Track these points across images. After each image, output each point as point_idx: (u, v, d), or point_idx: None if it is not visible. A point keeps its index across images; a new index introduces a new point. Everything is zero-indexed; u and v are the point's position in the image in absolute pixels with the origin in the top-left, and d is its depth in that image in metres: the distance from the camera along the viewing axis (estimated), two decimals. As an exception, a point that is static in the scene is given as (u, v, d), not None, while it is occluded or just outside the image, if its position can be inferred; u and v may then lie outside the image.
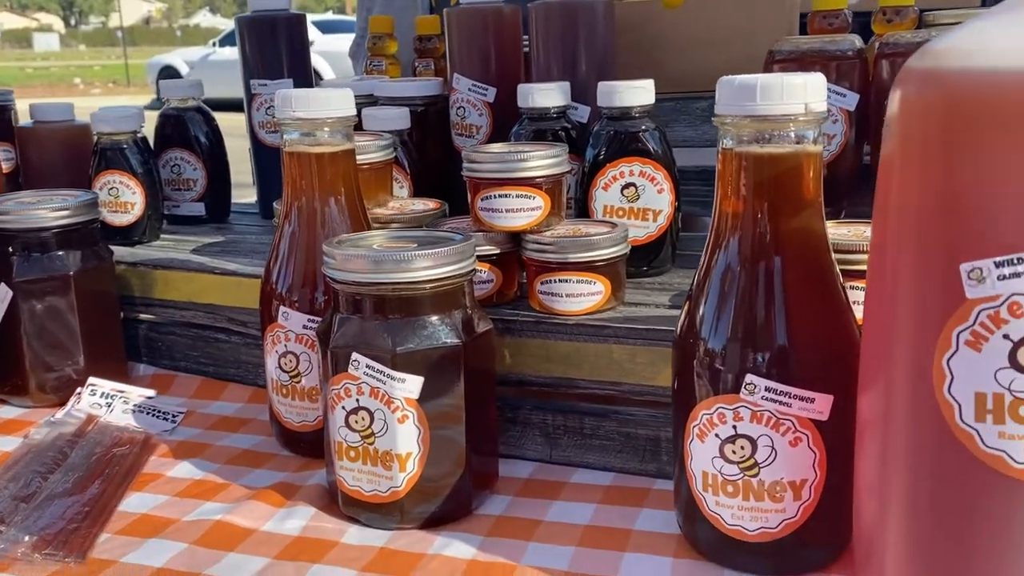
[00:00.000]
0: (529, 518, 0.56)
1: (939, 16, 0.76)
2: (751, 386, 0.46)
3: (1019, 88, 0.32)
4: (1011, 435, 0.34)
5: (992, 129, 0.33)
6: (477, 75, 0.83)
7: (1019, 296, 0.33)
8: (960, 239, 0.34)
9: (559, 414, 0.62)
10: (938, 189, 0.34)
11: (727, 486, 0.47)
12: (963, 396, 0.35)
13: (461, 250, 0.55)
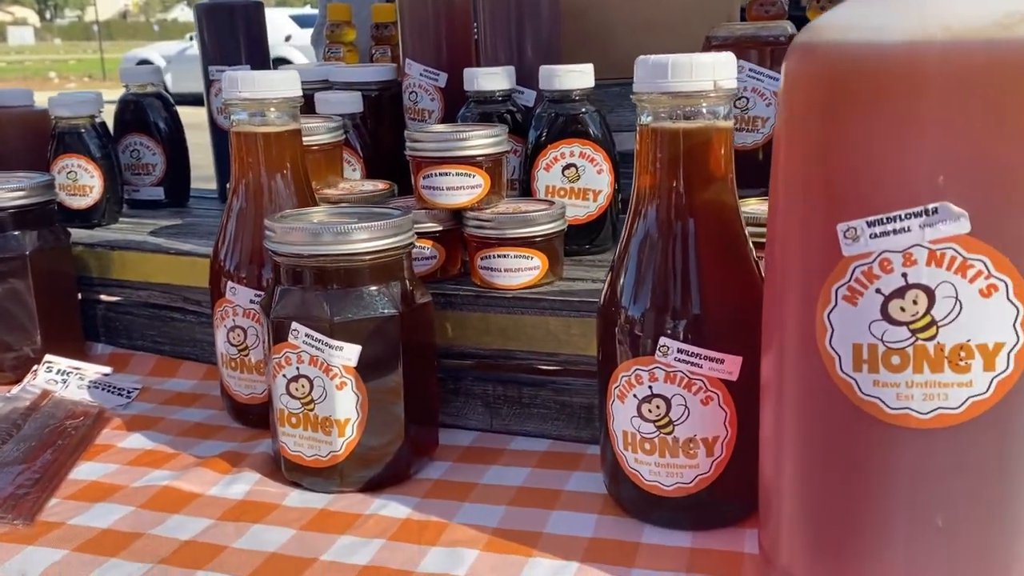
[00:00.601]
0: (465, 482, 0.58)
1: (868, 4, 0.79)
2: (664, 348, 0.48)
3: (885, 61, 0.35)
4: (884, 383, 0.37)
5: (863, 99, 0.35)
6: (428, 61, 0.86)
7: (889, 253, 0.36)
8: (837, 202, 0.36)
9: (499, 384, 0.65)
10: (817, 156, 0.37)
11: (645, 444, 0.50)
12: (842, 348, 0.37)
13: (399, 224, 0.57)
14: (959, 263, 0.35)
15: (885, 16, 0.35)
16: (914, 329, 0.36)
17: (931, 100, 0.34)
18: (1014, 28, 0.33)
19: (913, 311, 0.36)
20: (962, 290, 0.35)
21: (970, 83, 0.34)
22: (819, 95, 0.36)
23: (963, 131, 0.34)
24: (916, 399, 0.36)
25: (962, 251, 0.35)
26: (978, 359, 0.36)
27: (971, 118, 0.34)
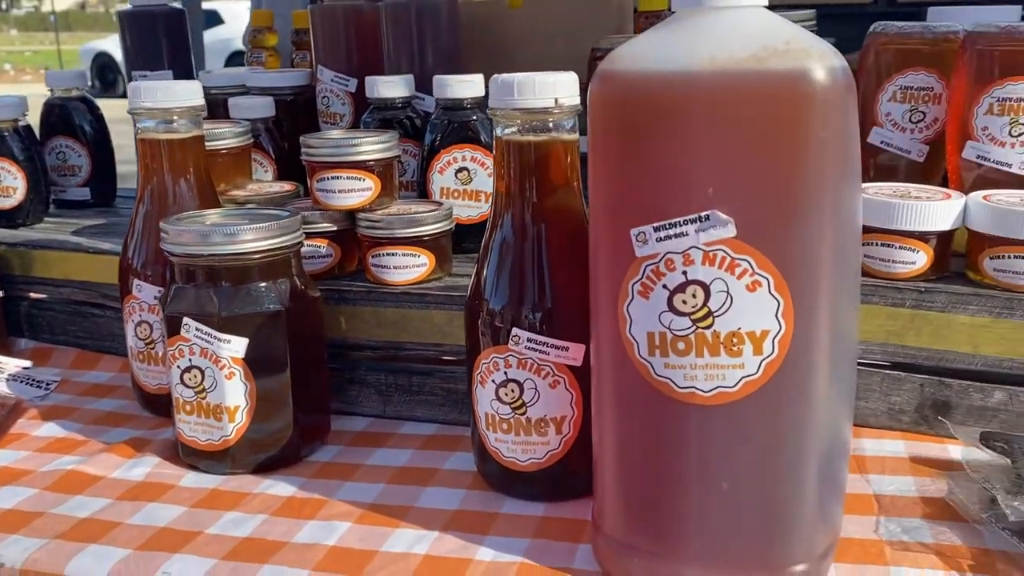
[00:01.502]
0: (352, 463, 0.63)
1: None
2: (516, 338, 0.54)
3: (662, 88, 0.40)
4: (673, 365, 0.42)
5: (646, 121, 0.41)
6: (339, 67, 0.90)
7: (672, 254, 0.41)
8: (630, 209, 0.42)
9: (391, 374, 0.70)
10: (614, 169, 0.42)
11: (503, 424, 0.55)
12: (639, 335, 0.43)
13: (286, 225, 0.61)
14: (728, 262, 0.40)
15: (665, 48, 0.41)
16: (695, 319, 0.42)
17: (701, 122, 0.39)
18: (766, 61, 0.38)
19: (693, 303, 0.41)
20: (732, 285, 0.41)
21: (732, 108, 0.39)
22: (612, 116, 0.42)
23: (729, 149, 0.39)
24: (699, 379, 0.42)
25: (731, 252, 0.40)
26: (748, 344, 0.41)
27: (735, 138, 0.39)
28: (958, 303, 0.61)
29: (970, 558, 0.49)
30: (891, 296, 0.62)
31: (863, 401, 0.65)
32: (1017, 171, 0.67)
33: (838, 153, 0.40)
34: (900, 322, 0.62)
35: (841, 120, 0.40)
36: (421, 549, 0.51)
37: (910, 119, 0.72)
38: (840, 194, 0.41)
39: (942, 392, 0.63)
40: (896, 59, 0.72)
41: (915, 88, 0.71)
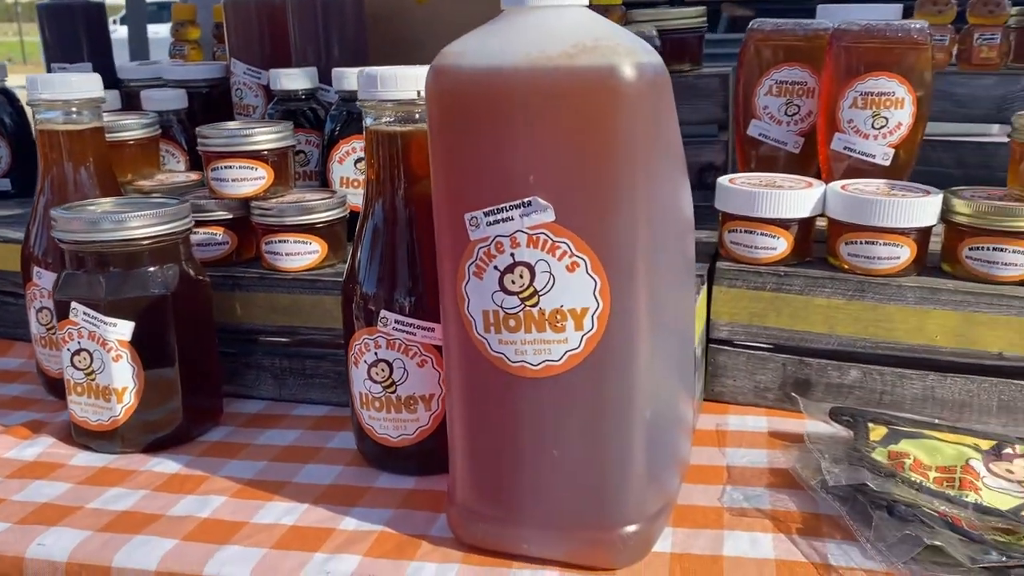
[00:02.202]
0: (240, 443, 0.65)
1: (636, 14, 0.88)
2: (385, 319, 0.56)
3: (485, 82, 0.43)
4: (506, 341, 0.45)
5: (473, 113, 0.43)
6: (251, 60, 0.92)
7: (500, 237, 0.44)
8: (464, 195, 0.45)
9: (285, 358, 0.72)
10: (448, 158, 0.45)
11: (375, 402, 0.58)
12: (476, 313, 0.46)
13: (174, 212, 0.63)
14: (549, 245, 0.43)
15: (489, 45, 0.43)
16: (523, 298, 0.44)
17: (519, 115, 0.42)
18: (576, 58, 0.41)
19: (521, 283, 0.44)
20: (554, 266, 0.44)
21: (546, 102, 0.42)
22: (444, 110, 0.44)
23: (545, 140, 0.42)
24: (529, 354, 0.45)
25: (551, 235, 0.43)
26: (570, 321, 0.44)
27: (550, 130, 0.42)
28: (814, 286, 0.65)
29: (800, 522, 0.52)
30: (753, 280, 0.66)
31: (731, 380, 0.68)
32: (880, 162, 0.71)
33: (649, 145, 0.43)
34: (762, 304, 0.66)
35: (650, 114, 0.43)
36: (289, 520, 0.54)
37: (786, 112, 0.76)
38: (655, 183, 0.44)
39: (802, 371, 0.66)
40: (772, 54, 0.75)
41: (790, 82, 0.75)
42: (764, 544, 0.50)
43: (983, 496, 0.51)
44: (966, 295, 0.61)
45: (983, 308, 0.61)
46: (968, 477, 0.53)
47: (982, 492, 0.52)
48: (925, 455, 0.56)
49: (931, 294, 0.62)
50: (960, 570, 0.46)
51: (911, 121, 0.70)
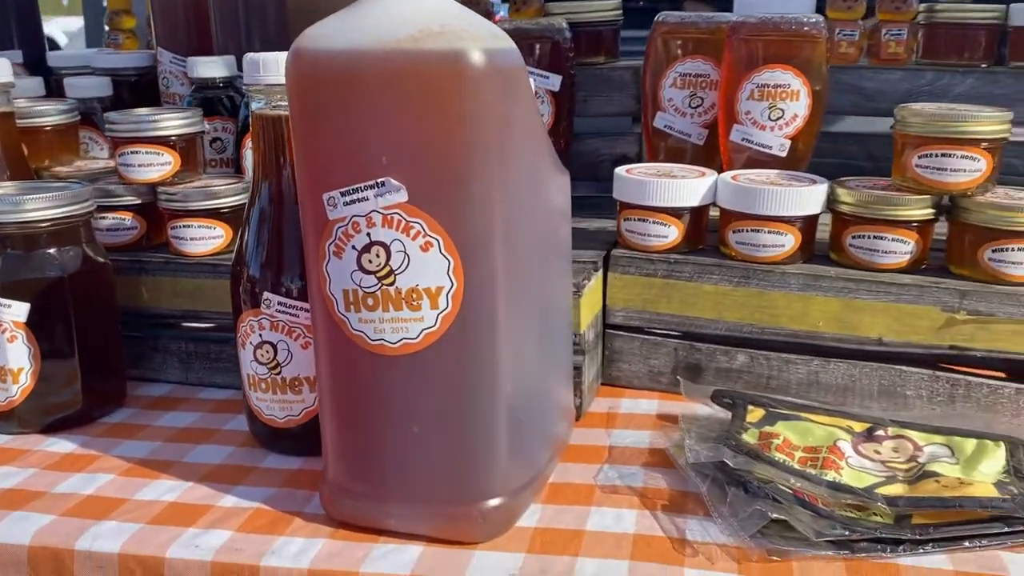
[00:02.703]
0: (139, 424, 0.66)
1: (552, 7, 0.89)
2: (268, 301, 0.57)
3: (339, 65, 0.44)
4: (365, 320, 0.46)
5: (328, 94, 0.44)
6: (177, 49, 0.92)
7: (357, 217, 0.45)
8: (321, 176, 0.46)
9: (191, 342, 0.73)
10: (308, 139, 0.46)
11: (261, 384, 0.59)
12: (337, 293, 0.47)
13: (74, 195, 0.64)
14: (404, 225, 0.44)
15: (345, 29, 0.44)
16: (379, 277, 0.46)
17: (371, 98, 0.43)
18: (422, 42, 0.42)
19: (377, 263, 0.45)
20: (408, 246, 0.45)
21: (396, 85, 0.43)
22: (303, 91, 0.45)
23: (396, 122, 0.43)
24: (387, 332, 0.46)
25: (405, 216, 0.44)
26: (426, 300, 0.45)
27: (400, 112, 0.43)
28: (703, 273, 0.66)
29: (667, 499, 0.54)
30: (646, 267, 0.67)
31: (627, 364, 0.70)
32: (777, 153, 0.73)
33: (500, 129, 0.44)
34: (654, 291, 0.67)
35: (499, 98, 0.44)
36: (171, 497, 0.55)
37: (689, 104, 0.77)
38: (510, 167, 0.45)
39: (693, 355, 0.68)
40: (676, 47, 0.77)
41: (693, 75, 0.76)
42: (627, 520, 0.51)
43: (843, 475, 0.53)
44: (847, 282, 0.63)
45: (863, 295, 0.63)
46: (832, 457, 0.54)
47: (843, 471, 0.53)
48: (796, 436, 0.57)
49: (814, 281, 0.64)
50: (807, 544, 0.48)
51: (807, 113, 0.72)
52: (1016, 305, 0.59)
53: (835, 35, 0.86)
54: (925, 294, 0.61)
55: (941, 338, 0.61)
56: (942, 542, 0.48)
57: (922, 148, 0.62)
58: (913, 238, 0.63)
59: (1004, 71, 0.82)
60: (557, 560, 0.48)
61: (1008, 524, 0.48)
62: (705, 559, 0.48)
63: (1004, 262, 0.60)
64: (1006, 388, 0.61)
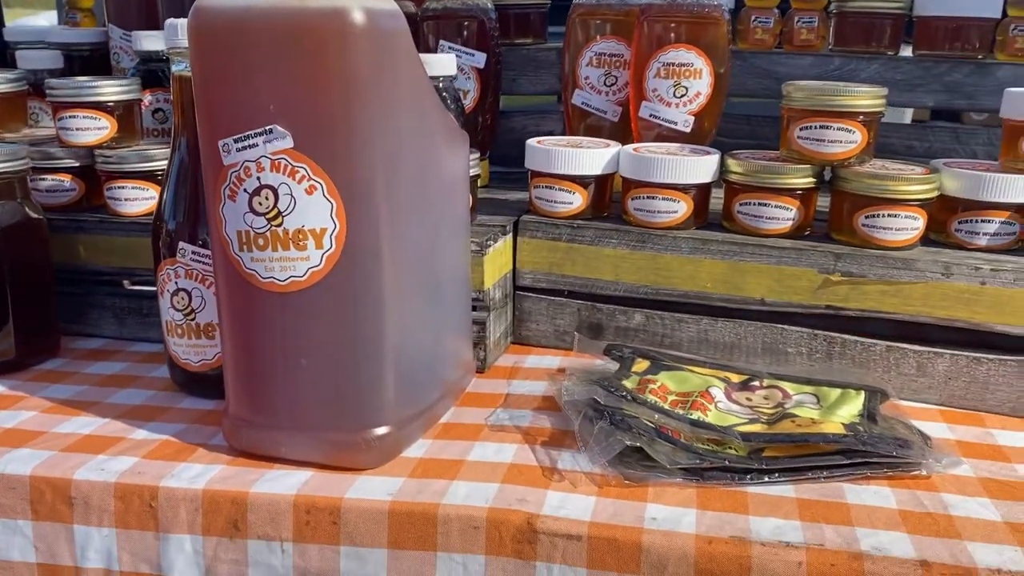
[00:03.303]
0: (68, 371, 0.70)
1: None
2: (183, 250, 0.61)
3: (231, 19, 0.48)
4: (257, 259, 0.50)
5: (220, 47, 0.48)
6: (126, 25, 0.96)
7: (248, 162, 0.49)
8: (217, 124, 0.50)
9: (124, 298, 0.77)
10: (204, 90, 0.50)
11: (178, 329, 0.63)
12: (231, 234, 0.51)
13: (8, 153, 0.68)
14: (290, 169, 0.49)
15: (237, -13, 0.48)
16: (269, 218, 0.50)
17: (260, 49, 0.47)
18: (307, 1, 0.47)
19: (267, 205, 0.49)
20: (294, 189, 0.49)
21: (282, 39, 0.47)
22: (200, 44, 0.49)
23: (282, 74, 0.48)
24: (276, 271, 0.50)
25: (291, 161, 0.48)
26: (311, 240, 0.49)
27: (285, 64, 0.47)
28: (603, 238, 0.70)
29: (548, 436, 0.58)
30: (551, 231, 0.71)
31: (535, 324, 0.74)
32: (682, 128, 0.77)
33: (381, 84, 0.48)
34: (559, 254, 0.72)
35: (380, 55, 0.48)
36: (86, 431, 0.59)
37: (605, 82, 0.81)
38: (390, 120, 0.49)
39: (595, 315, 0.72)
40: (592, 28, 0.81)
41: (607, 54, 0.81)
42: (507, 452, 0.56)
43: (709, 416, 0.57)
44: (732, 245, 0.67)
45: (747, 258, 0.67)
46: (702, 400, 0.59)
47: (710, 412, 0.57)
48: (674, 383, 0.62)
49: (702, 244, 0.68)
50: (662, 471, 0.52)
51: (710, 91, 0.76)
52: (885, 267, 0.64)
53: (751, 22, 0.90)
54: (803, 257, 0.66)
55: (818, 298, 0.66)
56: (787, 472, 0.53)
57: (803, 121, 0.67)
58: (795, 205, 0.67)
59: (905, 58, 0.87)
60: (434, 483, 0.52)
61: (847, 456, 0.53)
62: (570, 484, 0.52)
63: (876, 227, 0.65)
64: (877, 346, 0.65)
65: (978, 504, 0.51)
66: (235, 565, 0.52)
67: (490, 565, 0.49)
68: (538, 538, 0.48)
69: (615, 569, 0.48)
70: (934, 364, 0.64)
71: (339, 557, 0.50)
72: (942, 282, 0.63)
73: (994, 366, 0.63)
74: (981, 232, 0.66)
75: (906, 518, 0.49)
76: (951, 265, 0.63)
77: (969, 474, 0.55)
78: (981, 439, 0.60)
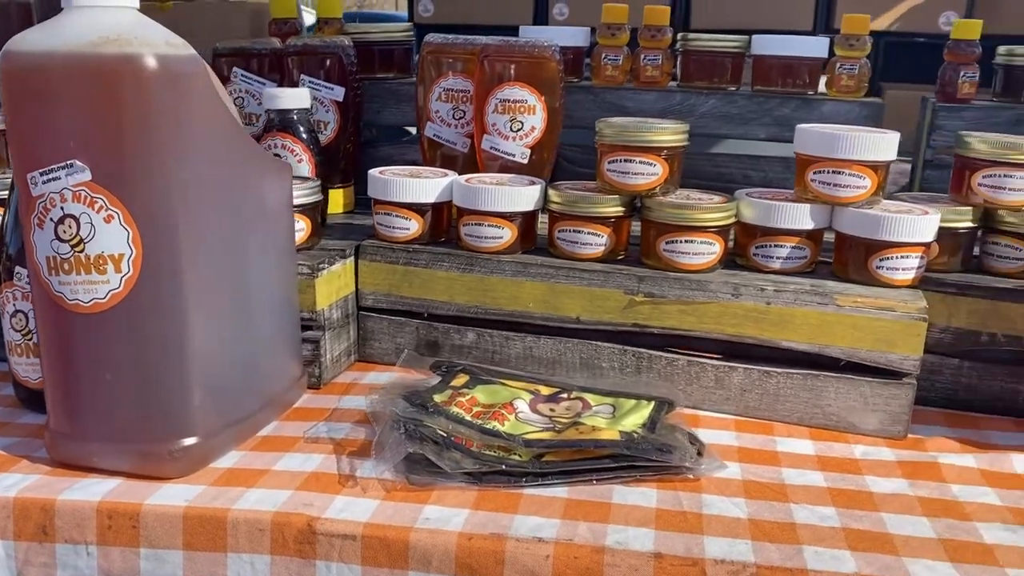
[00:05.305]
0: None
1: (349, 27, 0.99)
2: (19, 274, 0.65)
3: (36, 64, 0.52)
4: (64, 283, 0.54)
5: (27, 88, 0.53)
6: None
7: (53, 193, 0.53)
8: (26, 158, 0.54)
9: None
10: (15, 128, 0.54)
11: (18, 348, 0.66)
12: (41, 260, 0.55)
13: None
14: (89, 200, 0.53)
15: (44, 34, 0.53)
16: (72, 245, 0.54)
17: (60, 91, 0.52)
18: (100, 47, 0.51)
19: (70, 233, 0.54)
20: (94, 218, 0.53)
21: (79, 81, 0.51)
22: (10, 85, 0.54)
23: (82, 112, 0.52)
24: (81, 293, 0.54)
25: (90, 192, 0.53)
26: (111, 265, 0.54)
27: (85, 104, 0.52)
28: (436, 261, 0.75)
29: (357, 447, 0.62)
30: (389, 255, 0.76)
31: (378, 342, 0.78)
32: (520, 160, 0.82)
33: (169, 122, 0.53)
34: (397, 277, 0.76)
35: (171, 96, 0.52)
36: (-81, 445, 0.62)
37: (453, 116, 0.87)
38: (188, 156, 0.54)
39: (432, 334, 0.77)
40: (441, 65, 0.86)
41: (455, 90, 0.86)
42: (312, 462, 0.60)
43: (505, 425, 0.62)
44: (550, 269, 0.72)
45: (563, 280, 0.72)
46: (503, 412, 0.63)
47: (507, 422, 0.62)
48: (484, 396, 0.66)
49: (523, 268, 0.73)
50: (445, 476, 0.56)
51: (544, 126, 0.82)
52: (682, 288, 0.69)
53: (602, 59, 0.96)
54: (610, 279, 0.71)
55: (625, 317, 0.71)
56: (562, 475, 0.57)
57: (611, 155, 0.72)
58: (606, 232, 0.73)
59: (740, 93, 0.93)
60: (232, 490, 0.56)
61: (615, 460, 0.58)
62: (361, 489, 0.56)
63: (675, 252, 0.71)
64: (679, 360, 0.71)
65: (731, 503, 0.56)
66: (44, 568, 0.55)
67: (275, 564, 0.53)
68: (317, 539, 0.53)
69: (387, 565, 0.52)
70: (730, 377, 0.70)
71: (139, 559, 0.54)
72: (732, 302, 0.68)
73: (783, 379, 0.69)
74: (775, 256, 0.71)
75: (659, 516, 0.54)
76: (740, 287, 0.68)
77: (736, 477, 0.60)
78: (763, 446, 0.65)
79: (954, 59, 0.95)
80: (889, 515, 0.56)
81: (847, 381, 0.67)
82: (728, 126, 0.94)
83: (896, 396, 0.66)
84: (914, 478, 0.61)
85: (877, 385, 0.67)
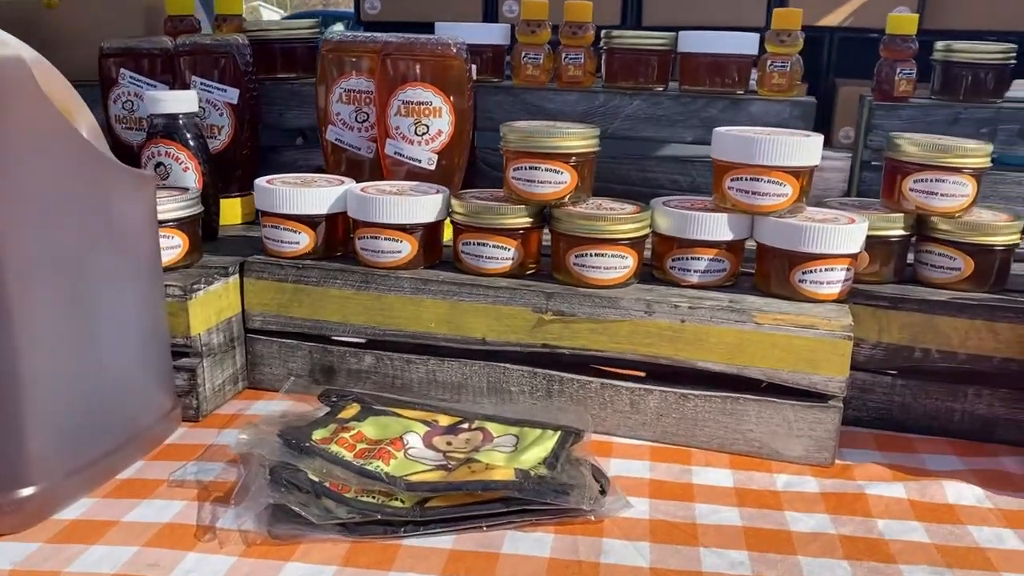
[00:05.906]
0: None
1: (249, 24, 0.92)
2: None
3: None
4: None
5: None
6: None
7: None
8: None
9: None
10: None
11: None
12: None
13: None
14: None
15: None
16: None
17: None
18: None
19: None
20: None
21: None
22: None
23: None
24: None
25: None
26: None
27: None
28: (328, 278, 0.69)
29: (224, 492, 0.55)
30: (277, 272, 0.70)
31: (268, 368, 0.72)
32: (426, 166, 0.76)
33: None
34: (287, 295, 0.70)
35: None
36: None
37: (356, 119, 0.81)
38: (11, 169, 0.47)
39: (326, 358, 0.70)
40: (342, 64, 0.80)
41: (357, 91, 0.80)
42: (171, 510, 0.53)
43: (391, 465, 0.56)
44: (452, 285, 0.67)
45: (466, 297, 0.66)
46: (390, 448, 0.57)
47: (394, 460, 0.56)
48: (373, 430, 0.60)
49: (423, 284, 0.67)
50: (312, 527, 0.50)
51: (451, 129, 0.76)
52: (592, 306, 0.64)
53: (522, 58, 0.91)
54: (517, 296, 0.65)
55: (535, 337, 0.65)
56: (446, 522, 0.52)
57: (516, 162, 0.66)
58: (513, 245, 0.67)
59: (667, 94, 0.88)
60: (70, 548, 0.49)
61: (507, 504, 0.52)
62: (218, 543, 0.50)
63: (585, 266, 0.65)
64: (592, 383, 0.65)
65: (634, 548, 0.51)
66: None
67: (111, 636, 0.47)
68: (159, 604, 0.46)
69: (239, 635, 0.46)
70: (646, 401, 0.64)
71: (-42, 631, 0.47)
72: (645, 320, 0.63)
73: (701, 402, 0.63)
74: (692, 269, 0.66)
75: (552, 568, 0.49)
76: (653, 303, 0.63)
77: (643, 516, 0.54)
78: (677, 477, 0.60)
79: (890, 55, 0.91)
80: (807, 559, 0.51)
81: (769, 404, 0.62)
82: (654, 128, 0.88)
83: (821, 421, 0.61)
84: (838, 513, 0.56)
85: (801, 409, 0.62)
